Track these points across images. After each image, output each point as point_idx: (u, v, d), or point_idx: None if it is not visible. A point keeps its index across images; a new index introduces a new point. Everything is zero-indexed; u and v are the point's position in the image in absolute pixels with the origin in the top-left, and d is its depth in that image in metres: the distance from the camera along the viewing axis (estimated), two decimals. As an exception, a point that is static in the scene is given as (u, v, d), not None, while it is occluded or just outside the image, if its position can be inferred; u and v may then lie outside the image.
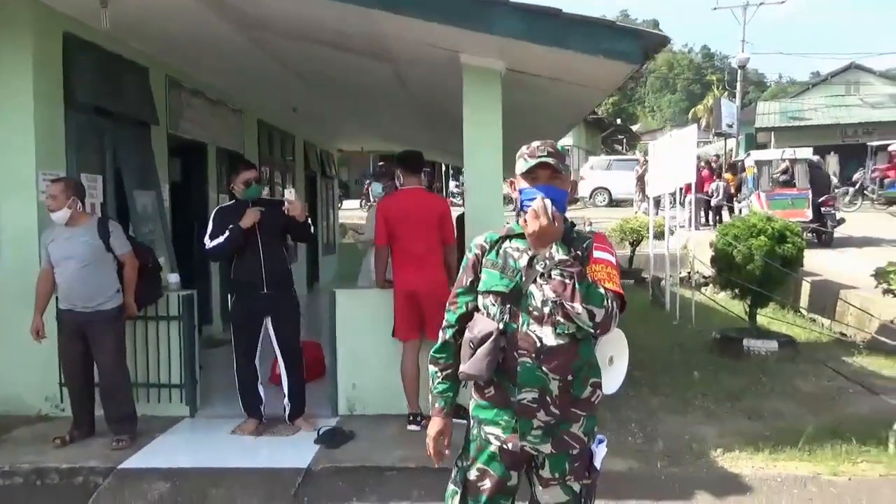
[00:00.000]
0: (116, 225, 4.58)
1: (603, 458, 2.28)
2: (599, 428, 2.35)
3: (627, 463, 4.10)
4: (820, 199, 13.84)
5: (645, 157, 18.35)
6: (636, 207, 20.73)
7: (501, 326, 2.17)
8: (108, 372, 4.45)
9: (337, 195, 15.43)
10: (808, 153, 15.23)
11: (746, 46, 28.63)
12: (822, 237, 13.41)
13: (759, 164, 15.52)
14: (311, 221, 4.79)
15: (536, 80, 5.21)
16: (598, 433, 2.31)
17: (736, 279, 7.01)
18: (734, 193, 17.88)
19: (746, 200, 15.64)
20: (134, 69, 5.97)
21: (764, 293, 7.02)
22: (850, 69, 30.52)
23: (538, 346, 2.15)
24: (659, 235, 10.74)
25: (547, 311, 2.14)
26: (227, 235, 4.50)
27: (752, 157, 16.92)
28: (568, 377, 2.16)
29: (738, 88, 29.32)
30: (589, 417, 2.24)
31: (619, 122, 44.55)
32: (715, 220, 17.45)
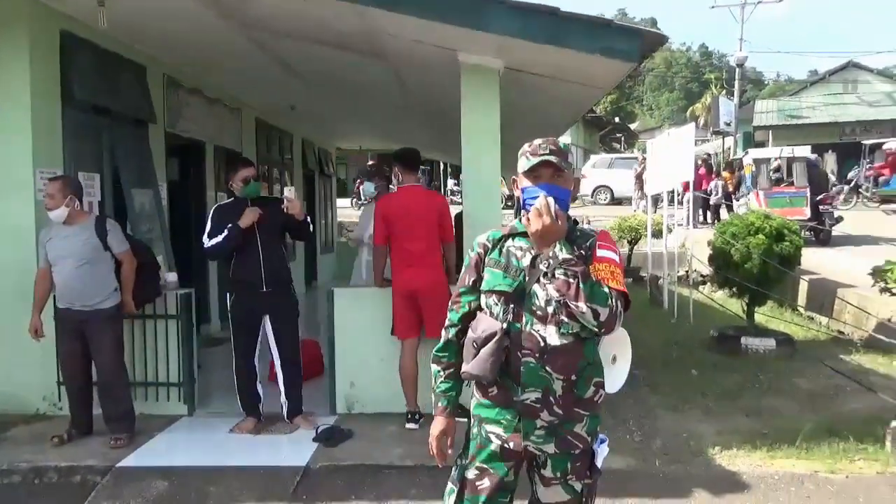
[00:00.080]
0: (114, 223, 4.57)
1: (604, 457, 2.26)
2: (598, 426, 2.35)
3: (626, 461, 4.11)
4: (818, 197, 13.86)
5: (643, 155, 18.35)
6: (635, 206, 20.75)
7: (505, 326, 2.15)
8: (106, 370, 4.45)
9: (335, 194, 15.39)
10: (806, 151, 15.23)
11: (744, 45, 28.78)
12: (819, 235, 13.41)
13: (757, 162, 15.53)
14: (309, 220, 4.79)
15: (534, 78, 5.21)
16: (599, 432, 2.29)
17: (734, 277, 7.02)
18: (732, 192, 17.90)
19: (744, 199, 15.66)
20: (132, 67, 5.96)
21: (762, 291, 7.02)
22: (847, 67, 30.51)
23: (542, 345, 2.12)
24: (657, 234, 10.75)
25: (551, 310, 2.12)
26: (225, 235, 4.50)
27: (750, 155, 16.93)
28: (571, 377, 2.15)
29: (735, 87, 29.38)
30: (592, 417, 2.22)
31: (617, 120, 44.56)
32: (713, 218, 17.47)
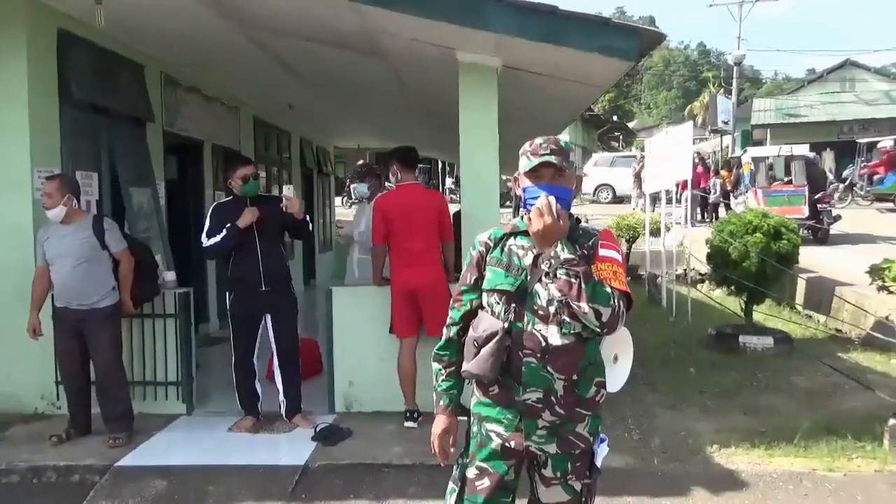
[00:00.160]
0: (112, 222, 4.57)
1: (604, 457, 2.26)
2: (596, 425, 2.34)
3: (624, 459, 4.11)
4: (816, 196, 13.87)
5: (642, 154, 18.37)
6: (634, 204, 20.77)
7: (506, 325, 2.14)
8: (104, 370, 4.44)
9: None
10: (804, 150, 15.24)
11: (742, 43, 28.75)
12: (817, 234, 13.43)
13: (755, 160, 15.54)
14: (309, 219, 4.78)
15: (532, 76, 5.21)
16: (600, 432, 2.28)
17: (732, 276, 7.02)
18: (731, 190, 17.92)
19: (743, 197, 15.67)
20: (129, 66, 5.95)
21: (760, 290, 7.03)
22: (845, 66, 30.49)
23: (543, 345, 2.11)
24: (655, 232, 10.75)
25: (552, 310, 2.10)
26: (224, 234, 4.49)
27: (748, 153, 16.94)
28: (573, 377, 2.14)
29: (733, 85, 29.38)
30: (594, 417, 2.21)
31: (615, 118, 44.53)
32: (711, 216, 17.49)
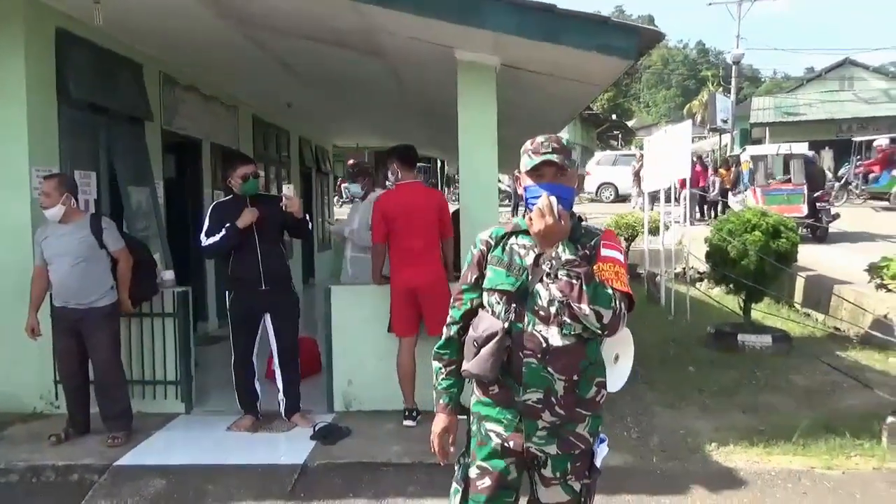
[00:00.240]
0: (110, 221, 4.57)
1: (604, 457, 2.25)
2: (595, 423, 2.34)
3: (623, 458, 4.12)
4: (815, 194, 13.88)
5: (642, 152, 18.38)
6: (634, 203, 20.77)
7: (506, 326, 2.12)
8: (103, 369, 4.44)
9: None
10: (803, 148, 15.24)
11: (741, 42, 28.71)
12: (816, 232, 13.45)
13: (754, 159, 15.54)
14: (308, 218, 4.78)
15: (531, 75, 5.20)
16: (600, 432, 2.27)
17: (731, 274, 7.02)
18: (730, 188, 17.94)
19: (742, 195, 15.68)
20: (128, 65, 5.94)
21: (758, 288, 7.03)
22: (844, 65, 30.51)
23: (544, 346, 2.10)
24: (654, 231, 10.76)
25: (553, 310, 2.09)
26: (223, 234, 4.48)
27: (747, 152, 16.94)
28: (573, 377, 2.12)
29: (732, 84, 29.33)
30: (594, 417, 2.20)
31: (614, 117, 44.50)
32: (710, 215, 17.50)
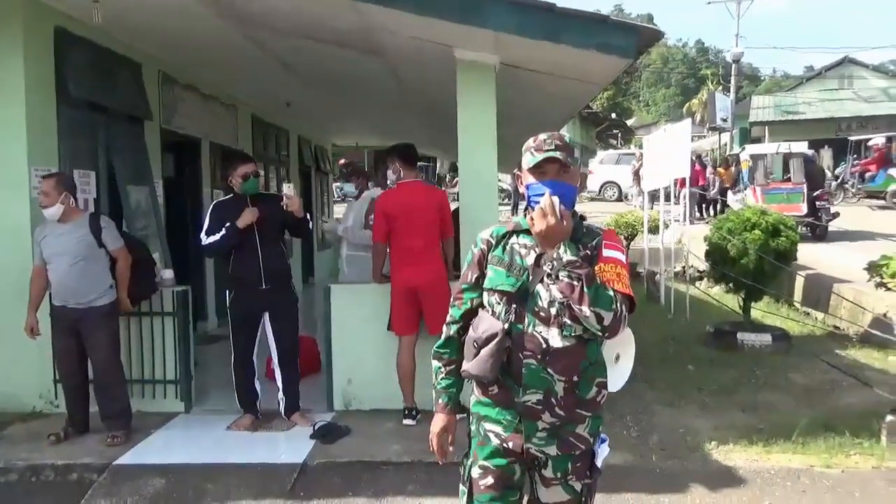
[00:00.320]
0: (108, 220, 4.57)
1: (605, 457, 2.23)
2: (595, 422, 2.32)
3: (623, 456, 4.11)
4: (815, 193, 13.89)
5: (641, 151, 18.38)
6: (634, 202, 20.77)
7: (506, 327, 2.11)
8: (102, 368, 4.44)
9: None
10: (803, 147, 15.26)
11: (740, 41, 28.66)
12: (816, 231, 13.45)
13: (754, 158, 15.54)
14: (309, 217, 4.77)
15: (531, 74, 5.20)
16: (601, 432, 2.25)
17: (730, 273, 7.03)
18: (729, 187, 17.95)
19: (742, 194, 15.68)
20: (127, 64, 5.94)
21: (758, 287, 7.03)
22: (843, 63, 30.52)
23: (544, 347, 2.08)
24: (654, 230, 10.76)
25: (553, 311, 2.07)
26: (223, 234, 4.47)
27: (747, 151, 16.94)
28: (573, 378, 2.11)
29: (732, 83, 29.32)
30: (594, 418, 2.18)
31: (613, 116, 44.45)
32: (710, 214, 17.50)
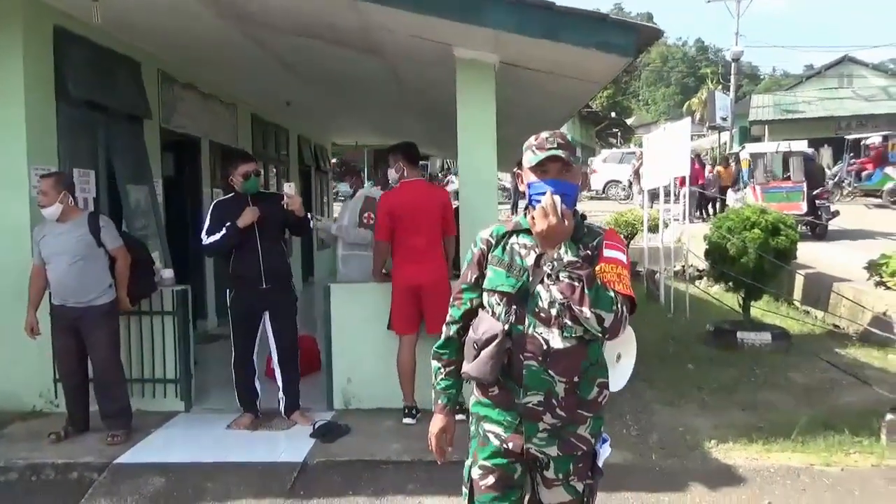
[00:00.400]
0: (107, 220, 4.57)
1: (606, 457, 2.22)
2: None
3: (622, 455, 4.11)
4: (815, 191, 13.89)
5: (641, 150, 18.38)
6: (635, 201, 20.76)
7: (506, 328, 2.09)
8: (102, 367, 4.44)
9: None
10: (803, 146, 15.26)
11: (740, 39, 28.64)
12: (815, 230, 13.45)
13: (753, 156, 15.54)
14: (309, 216, 4.77)
15: (530, 73, 5.20)
16: (602, 433, 2.24)
17: (730, 272, 7.03)
18: (728, 185, 17.95)
19: (741, 193, 15.69)
20: (126, 63, 5.94)
21: (757, 286, 7.03)
22: (843, 62, 30.52)
23: (545, 348, 2.07)
24: (653, 228, 10.76)
25: (554, 312, 2.06)
26: (223, 233, 4.47)
27: (746, 149, 16.95)
28: (574, 379, 2.09)
29: (731, 81, 29.30)
30: (595, 418, 2.17)
31: (613, 115, 44.46)
32: (710, 212, 17.50)
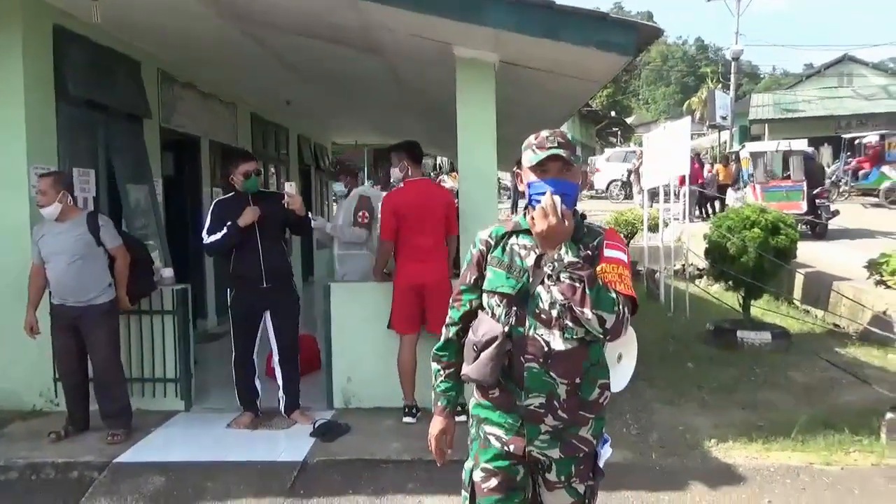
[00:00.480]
0: (106, 219, 4.57)
1: (607, 458, 2.21)
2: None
3: (623, 454, 4.12)
4: (815, 191, 13.89)
5: (642, 150, 18.37)
6: (635, 200, 20.76)
7: (507, 330, 2.07)
8: (102, 366, 4.44)
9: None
10: (802, 145, 15.26)
11: (740, 38, 28.61)
12: (815, 229, 13.45)
13: (753, 155, 15.55)
14: (310, 215, 4.77)
15: (530, 72, 5.20)
16: (603, 434, 2.22)
17: (730, 271, 7.03)
18: (728, 184, 17.95)
19: (742, 192, 15.69)
20: (126, 62, 5.94)
21: (758, 285, 7.03)
22: (843, 61, 30.55)
23: (546, 350, 2.04)
24: (653, 227, 10.76)
25: (555, 313, 2.03)
26: (224, 233, 4.48)
27: (746, 148, 16.95)
28: (576, 380, 2.07)
29: (731, 80, 29.29)
30: (597, 420, 2.15)
31: (613, 114, 44.48)
32: (710, 212, 17.50)
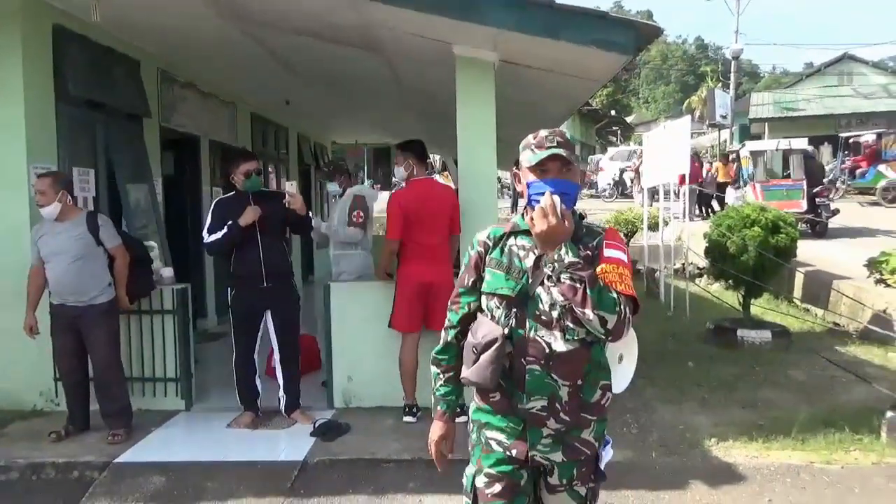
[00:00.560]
0: (106, 219, 4.57)
1: (608, 460, 2.19)
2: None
3: (623, 453, 4.12)
4: (815, 189, 13.89)
5: (642, 149, 18.36)
6: (636, 199, 20.74)
7: (506, 332, 2.03)
8: (102, 366, 4.44)
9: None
10: (803, 144, 15.26)
11: (740, 37, 28.58)
12: (815, 227, 13.45)
13: (753, 154, 15.54)
14: (311, 215, 4.77)
15: (530, 71, 5.19)
16: (605, 436, 2.20)
17: (730, 270, 7.02)
18: (728, 183, 17.94)
19: (742, 191, 15.68)
20: (125, 62, 5.94)
21: (758, 283, 7.03)
22: (843, 60, 30.52)
23: (547, 352, 2.01)
24: (653, 226, 10.76)
25: (555, 315, 2.00)
26: (224, 232, 4.48)
27: (746, 147, 16.94)
28: (577, 381, 2.05)
29: (731, 79, 29.26)
30: (599, 421, 2.13)
31: (613, 113, 44.51)
32: (708, 210, 17.50)
